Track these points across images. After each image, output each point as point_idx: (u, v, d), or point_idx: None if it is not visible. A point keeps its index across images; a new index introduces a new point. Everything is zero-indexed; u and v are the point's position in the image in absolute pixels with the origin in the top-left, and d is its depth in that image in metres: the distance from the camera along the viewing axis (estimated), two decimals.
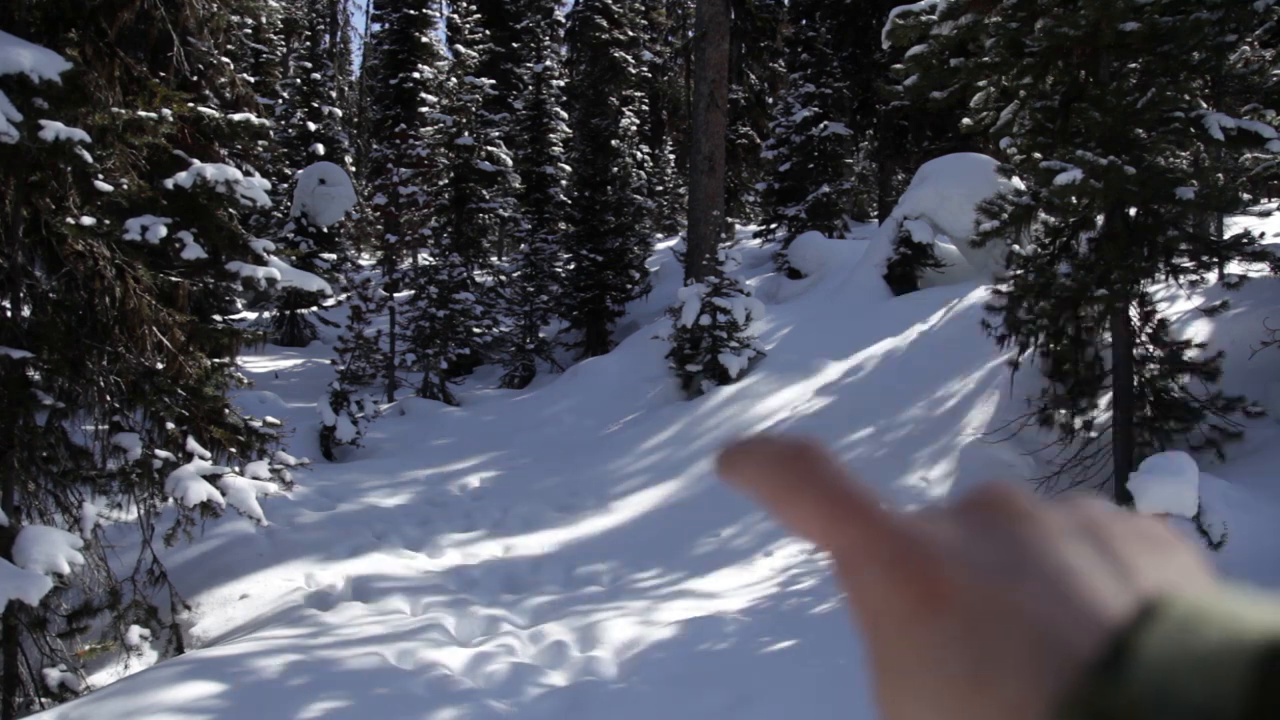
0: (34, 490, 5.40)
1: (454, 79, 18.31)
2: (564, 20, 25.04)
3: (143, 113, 5.17)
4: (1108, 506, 0.28)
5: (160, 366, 5.79)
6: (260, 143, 8.19)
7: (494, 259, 19.21)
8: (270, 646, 4.96)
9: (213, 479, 5.62)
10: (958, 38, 6.99)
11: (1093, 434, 6.59)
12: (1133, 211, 6.15)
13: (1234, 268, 6.86)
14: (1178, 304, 7.31)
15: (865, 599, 0.26)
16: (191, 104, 5.63)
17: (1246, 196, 5.97)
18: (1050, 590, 0.24)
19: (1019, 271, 6.53)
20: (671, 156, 24.85)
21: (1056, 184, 5.67)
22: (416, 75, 21.71)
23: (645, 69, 22.71)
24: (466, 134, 17.67)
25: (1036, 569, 0.25)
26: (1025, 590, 0.24)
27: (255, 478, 5.99)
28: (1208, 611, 0.21)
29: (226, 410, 6.07)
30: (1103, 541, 0.26)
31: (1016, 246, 6.75)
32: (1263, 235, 6.07)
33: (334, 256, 18.02)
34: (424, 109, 20.69)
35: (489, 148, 17.96)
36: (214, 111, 6.05)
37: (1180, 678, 0.19)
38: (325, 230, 17.74)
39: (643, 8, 25.95)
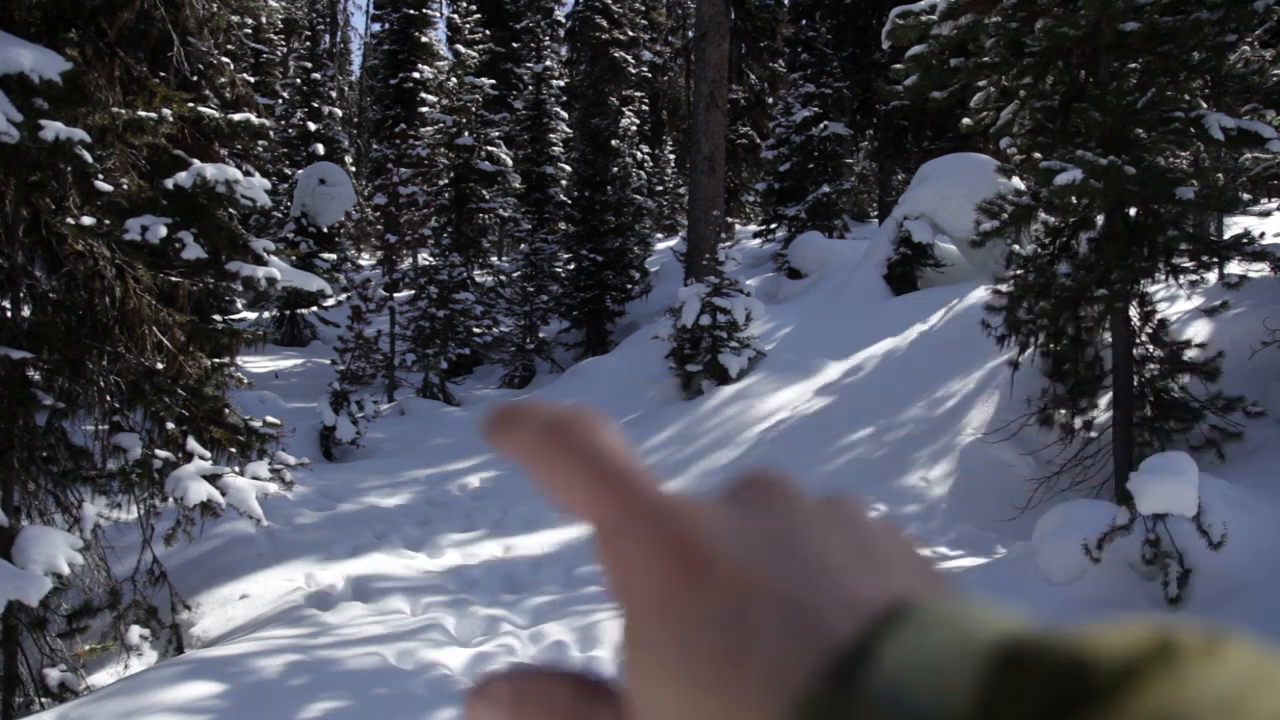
0: (34, 490, 5.40)
1: (454, 79, 18.31)
2: (564, 20, 25.04)
3: (143, 113, 5.17)
4: (866, 506, 0.28)
5: (160, 366, 5.79)
6: (260, 143, 8.19)
7: (494, 259, 19.21)
8: (270, 646, 4.96)
9: (213, 479, 5.62)
10: (958, 38, 6.99)
11: (1093, 434, 6.59)
12: (1133, 211, 6.15)
13: (1234, 268, 6.86)
14: (1178, 304, 7.31)
15: (623, 571, 0.25)
16: (191, 104, 5.63)
17: (1246, 196, 5.97)
18: (810, 575, 0.24)
19: (1019, 271, 6.53)
20: (671, 156, 24.85)
21: (1056, 184, 5.67)
22: (416, 75, 21.71)
23: (645, 69, 22.71)
24: (466, 134, 17.67)
25: (799, 553, 0.25)
26: (786, 571, 0.24)
27: (255, 478, 5.99)
28: (946, 615, 0.21)
29: (226, 410, 6.07)
30: (861, 538, 0.26)
31: (1016, 246, 6.75)
32: (1263, 235, 6.07)
33: (334, 256, 18.02)
34: (424, 109, 20.70)
35: (489, 148, 17.96)
36: (214, 111, 6.05)
37: (913, 679, 0.20)
38: (325, 230, 17.74)
39: (643, 8, 25.94)
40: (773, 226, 17.63)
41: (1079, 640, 0.19)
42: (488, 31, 21.12)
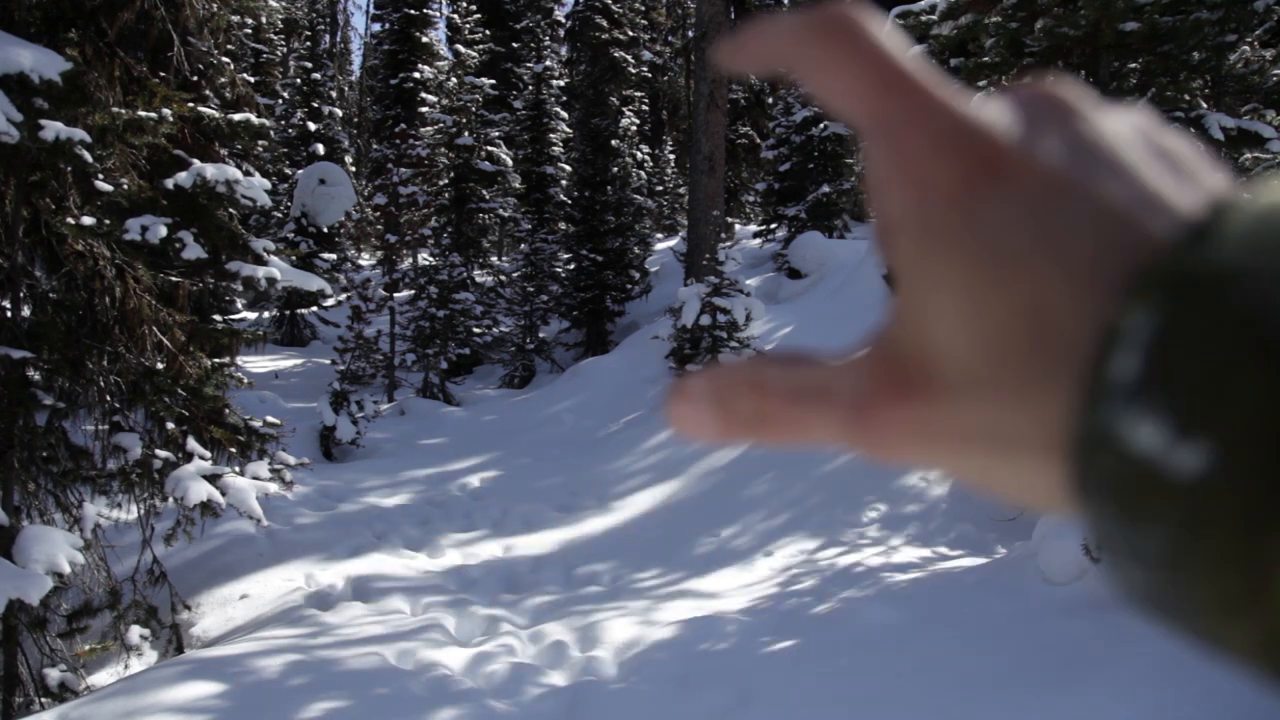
0: (34, 490, 5.40)
1: (454, 79, 18.31)
2: (564, 20, 25.04)
3: (143, 113, 5.17)
4: (1160, 121, 0.25)
5: (160, 366, 5.79)
6: (260, 143, 8.18)
7: (494, 259, 19.21)
8: (270, 646, 4.96)
9: (213, 479, 5.62)
10: (958, 38, 6.99)
11: None
12: None
13: None
14: None
15: (910, 169, 0.23)
16: (191, 104, 5.63)
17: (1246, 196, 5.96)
18: (1124, 180, 0.22)
19: None
20: (671, 156, 24.85)
21: None
22: (416, 75, 21.71)
23: (645, 69, 22.71)
24: (466, 134, 17.67)
25: (1107, 159, 0.22)
26: (1097, 176, 0.22)
27: (255, 478, 5.99)
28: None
29: (227, 410, 6.07)
30: (1167, 149, 0.24)
31: None
32: None
33: (334, 256, 18.02)
34: (424, 109, 20.70)
35: (489, 148, 17.96)
36: (214, 111, 6.05)
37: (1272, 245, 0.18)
38: (325, 230, 17.74)
39: (643, 8, 25.94)
40: (773, 226, 17.63)
41: None
42: (488, 31, 21.13)
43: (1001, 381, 0.21)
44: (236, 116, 6.12)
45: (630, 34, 20.88)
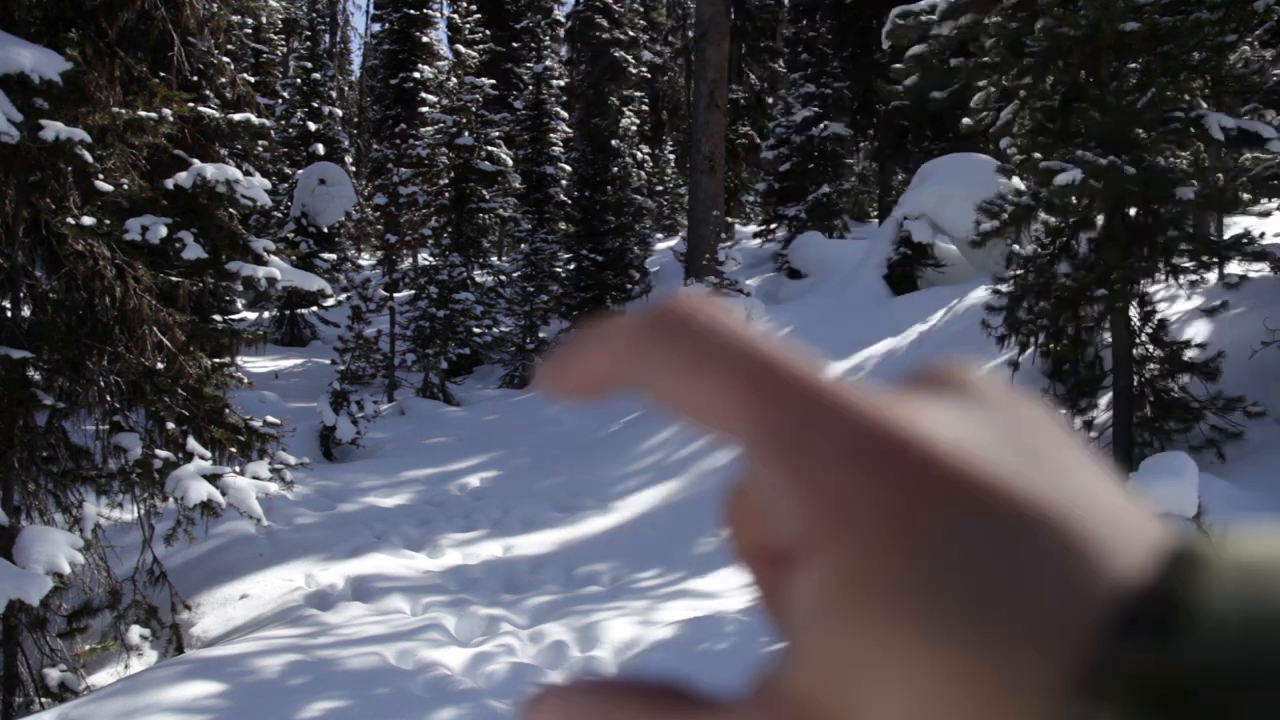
0: (34, 490, 5.40)
1: (454, 79, 18.31)
2: (564, 20, 25.03)
3: (143, 113, 5.17)
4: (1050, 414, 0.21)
5: (160, 366, 5.79)
6: (260, 143, 8.19)
7: (494, 259, 19.20)
8: (270, 646, 4.96)
9: (213, 479, 5.62)
10: (958, 38, 6.99)
11: (1093, 434, 6.59)
12: (1133, 211, 6.15)
13: (1234, 268, 6.87)
14: (1178, 304, 7.31)
15: (822, 494, 0.18)
16: (191, 104, 5.63)
17: (1246, 196, 5.97)
18: (1072, 492, 0.18)
19: (1019, 271, 6.53)
20: (671, 156, 24.84)
21: (1056, 184, 5.67)
22: (416, 75, 21.71)
23: (645, 69, 22.71)
24: (466, 134, 17.67)
25: (1047, 463, 0.18)
26: (1044, 485, 0.18)
27: (255, 478, 5.99)
28: (1259, 556, 0.16)
29: (227, 410, 6.07)
30: (1083, 458, 0.19)
31: (1016, 246, 6.75)
32: (1263, 235, 6.07)
33: (334, 256, 18.02)
34: (424, 109, 20.69)
35: (489, 148, 17.95)
36: (214, 111, 6.05)
37: (1260, 635, 0.14)
38: (325, 230, 17.73)
39: (642, 8, 25.94)
40: (773, 226, 17.63)
41: None
42: (488, 31, 21.12)
43: None
44: (236, 116, 6.12)
45: (630, 34, 20.88)
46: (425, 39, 22.37)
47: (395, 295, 15.17)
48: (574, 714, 0.21)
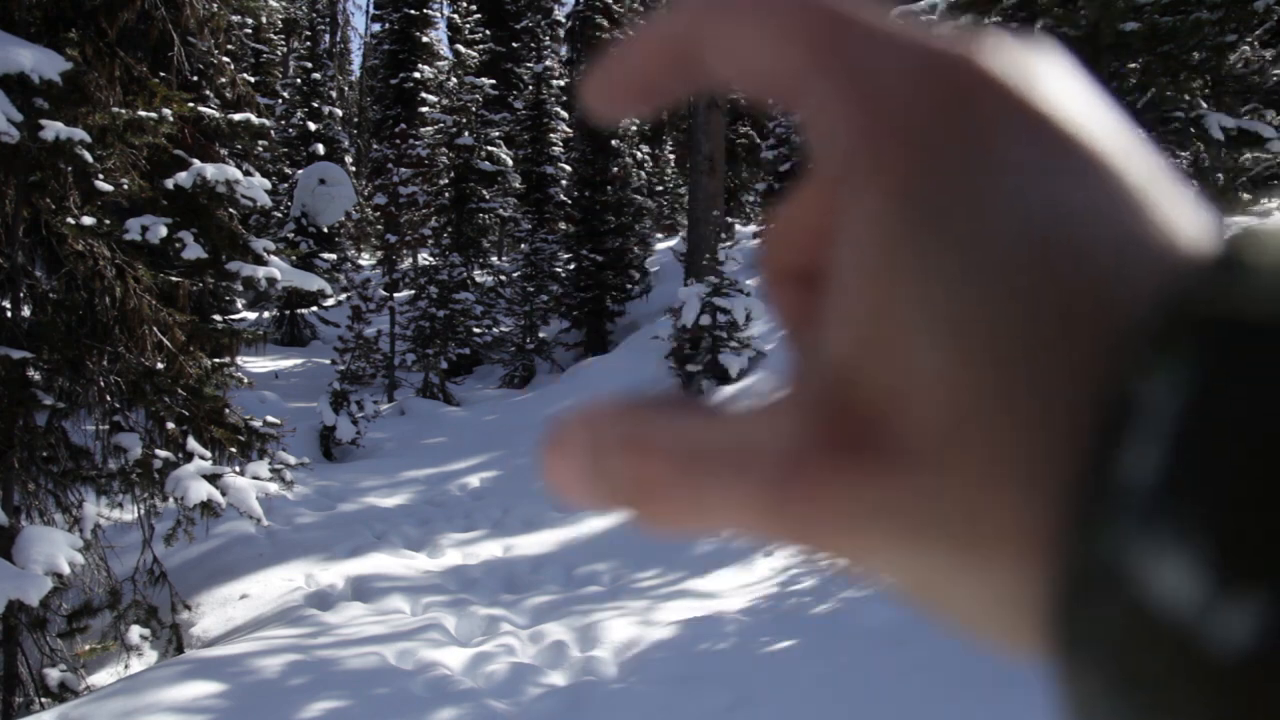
0: (34, 490, 5.40)
1: (454, 79, 18.32)
2: (564, 20, 25.04)
3: (143, 113, 5.17)
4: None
5: (160, 366, 5.79)
6: (260, 143, 8.19)
7: (494, 259, 19.21)
8: (270, 646, 4.96)
9: (213, 479, 5.62)
10: None
11: None
12: None
13: None
14: None
15: (877, 96, 0.17)
16: (191, 104, 5.63)
17: (1246, 196, 5.97)
18: (1140, 161, 0.16)
19: None
20: (671, 156, 24.85)
21: None
22: (416, 75, 21.71)
23: None
24: (466, 134, 17.67)
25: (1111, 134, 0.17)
26: (1113, 143, 0.16)
27: (255, 477, 5.99)
28: None
29: (227, 410, 6.07)
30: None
31: None
32: None
33: (334, 256, 18.02)
34: (424, 109, 20.70)
35: (489, 148, 17.96)
36: (214, 111, 6.05)
37: None
38: (325, 230, 17.74)
39: (642, 8, 25.94)
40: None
41: None
42: (488, 31, 21.14)
43: (980, 446, 0.15)
44: (236, 116, 6.12)
45: (630, 34, 20.86)
46: (425, 39, 22.38)
47: (395, 295, 15.17)
48: (601, 439, 0.19)
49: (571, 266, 16.68)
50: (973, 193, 0.15)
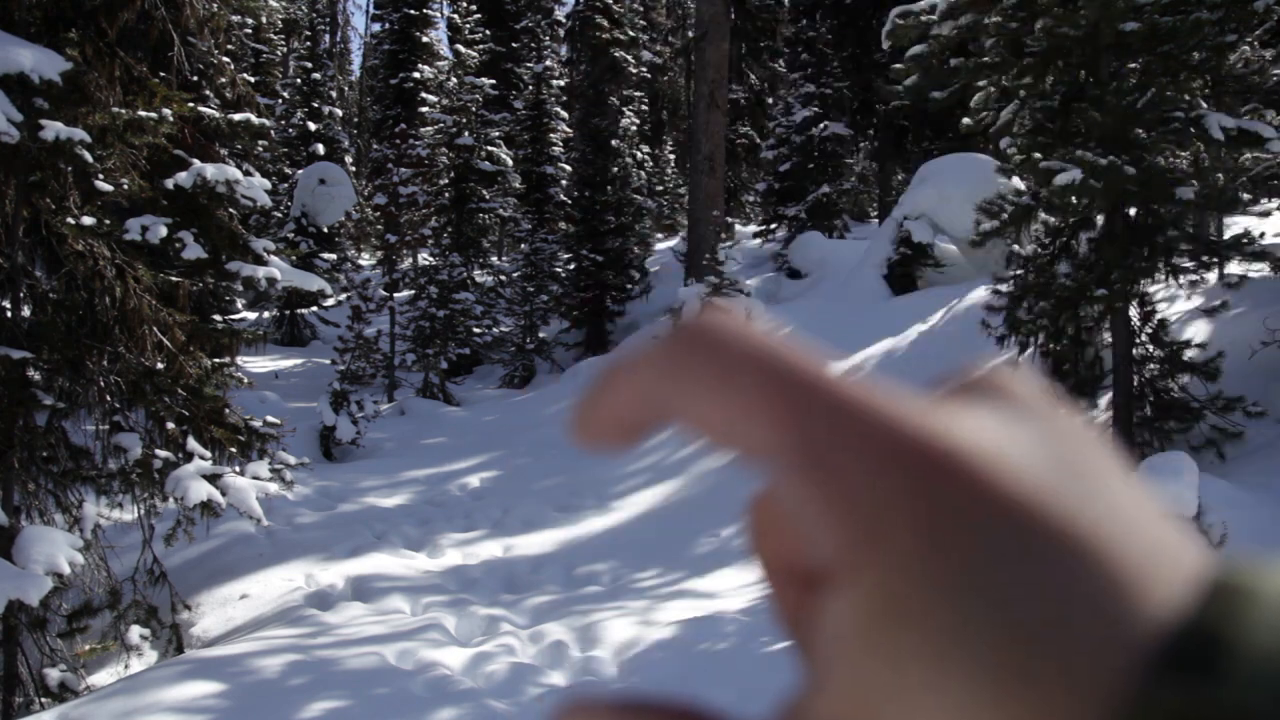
0: (34, 490, 5.40)
1: (454, 79, 18.32)
2: (564, 20, 25.03)
3: (143, 113, 5.17)
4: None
5: (160, 366, 5.79)
6: (260, 143, 8.19)
7: (494, 259, 19.21)
8: (270, 646, 4.96)
9: (213, 479, 5.62)
10: (958, 38, 6.99)
11: None
12: (1133, 211, 6.15)
13: (1234, 268, 6.87)
14: (1178, 304, 7.31)
15: (853, 505, 0.17)
16: (191, 104, 5.63)
17: (1246, 196, 5.97)
18: (1111, 513, 0.17)
19: (1019, 271, 6.53)
20: (671, 156, 24.84)
21: (1056, 184, 5.67)
22: (417, 75, 21.71)
23: (645, 69, 22.71)
24: (466, 134, 17.67)
25: (1088, 481, 0.17)
26: (1084, 503, 0.17)
27: (255, 477, 5.99)
28: None
29: (227, 410, 6.07)
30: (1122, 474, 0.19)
31: (1016, 246, 6.75)
32: (1263, 235, 6.07)
33: (334, 256, 18.02)
34: (424, 109, 20.69)
35: (489, 148, 17.96)
36: (214, 111, 6.05)
37: None
38: (325, 230, 17.74)
39: (642, 8, 25.94)
40: (773, 226, 17.62)
41: None
42: (488, 31, 21.13)
43: None
44: (236, 116, 6.12)
45: (630, 34, 20.87)
46: (425, 39, 22.37)
47: (395, 295, 15.17)
48: None
49: (571, 266, 16.68)
50: (950, 587, 0.16)
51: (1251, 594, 0.15)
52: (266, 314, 17.99)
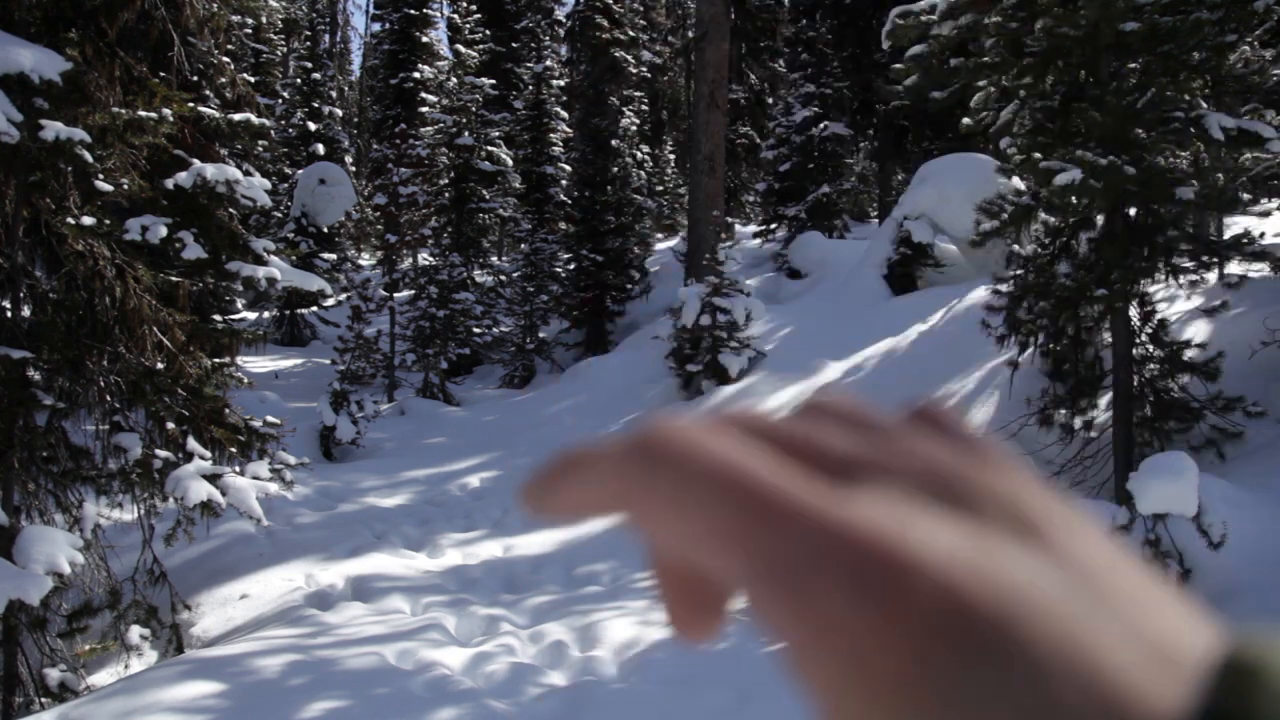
0: (34, 490, 5.40)
1: (454, 79, 18.32)
2: (564, 20, 25.03)
3: (143, 113, 5.16)
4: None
5: (160, 366, 5.79)
6: (260, 143, 8.19)
7: (494, 259, 19.21)
8: (270, 646, 4.96)
9: (213, 479, 5.62)
10: (958, 38, 6.99)
11: (1093, 434, 6.59)
12: (1133, 211, 6.15)
13: (1234, 268, 6.87)
14: (1178, 304, 7.31)
15: (826, 633, 0.17)
16: (191, 104, 5.63)
17: (1246, 196, 5.97)
18: (1095, 611, 0.16)
19: (1019, 271, 6.53)
20: (671, 156, 24.84)
21: (1056, 184, 5.67)
22: (416, 75, 21.71)
23: (645, 69, 22.71)
24: (466, 134, 17.67)
25: (1081, 580, 0.17)
26: (1061, 606, 0.16)
27: (255, 477, 5.99)
28: None
29: (227, 410, 6.07)
30: (1103, 544, 0.18)
31: (1016, 246, 6.75)
32: (1263, 235, 6.07)
33: (334, 256, 18.02)
34: (424, 109, 20.70)
35: (489, 148, 17.96)
36: (214, 111, 6.05)
37: None
38: (325, 230, 17.74)
39: (642, 8, 25.94)
40: (773, 226, 17.62)
41: None
42: (488, 31, 21.13)
43: None
44: (236, 116, 6.12)
45: (630, 34, 20.87)
46: (425, 39, 22.38)
47: (395, 295, 15.17)
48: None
49: (571, 266, 16.68)
50: (933, 714, 0.16)
51: (1261, 673, 0.15)
52: (266, 314, 17.99)
